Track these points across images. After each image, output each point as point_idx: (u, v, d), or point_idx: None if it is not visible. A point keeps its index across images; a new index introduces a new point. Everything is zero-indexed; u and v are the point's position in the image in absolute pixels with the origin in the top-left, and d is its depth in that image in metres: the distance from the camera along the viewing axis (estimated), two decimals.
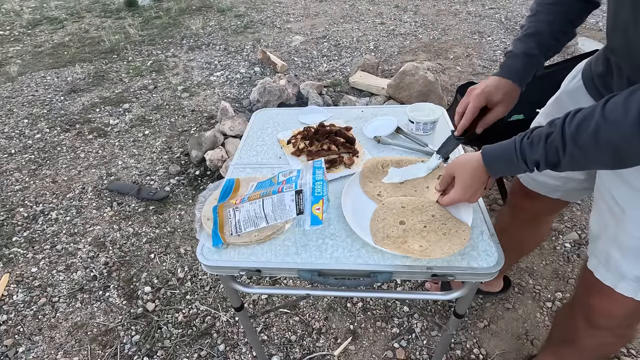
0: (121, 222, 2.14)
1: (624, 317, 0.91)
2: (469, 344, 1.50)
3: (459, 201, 0.84)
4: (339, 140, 1.12)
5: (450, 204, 0.86)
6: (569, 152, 0.62)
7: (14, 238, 2.09)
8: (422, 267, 0.78)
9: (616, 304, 0.87)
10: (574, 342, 1.09)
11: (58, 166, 2.58)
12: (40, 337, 1.63)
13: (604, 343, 1.03)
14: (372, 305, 1.65)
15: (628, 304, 0.85)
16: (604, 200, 0.84)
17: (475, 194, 0.82)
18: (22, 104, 3.30)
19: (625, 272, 0.81)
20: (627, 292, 0.82)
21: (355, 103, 2.72)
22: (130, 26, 4.63)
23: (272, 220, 0.84)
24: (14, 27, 4.94)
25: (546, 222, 1.29)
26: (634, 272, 0.80)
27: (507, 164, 0.74)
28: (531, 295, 1.66)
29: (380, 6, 4.98)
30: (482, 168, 0.78)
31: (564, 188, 1.04)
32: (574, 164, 0.64)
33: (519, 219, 1.27)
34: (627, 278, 0.82)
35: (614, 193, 0.80)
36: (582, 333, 1.03)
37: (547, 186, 1.07)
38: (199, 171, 2.42)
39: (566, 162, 0.64)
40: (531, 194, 1.12)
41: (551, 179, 1.04)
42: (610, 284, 0.85)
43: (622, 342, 1.07)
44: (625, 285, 0.82)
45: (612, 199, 0.80)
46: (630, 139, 0.55)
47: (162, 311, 1.69)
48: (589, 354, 1.10)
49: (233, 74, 3.53)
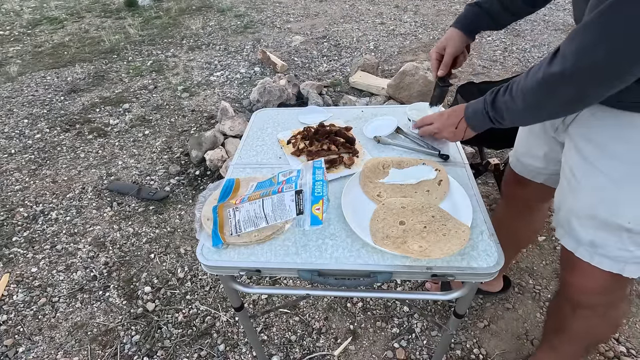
0: (121, 222, 2.14)
1: (600, 293, 0.96)
2: (469, 344, 1.50)
3: (434, 127, 1.04)
4: (339, 140, 1.12)
5: (426, 131, 1.08)
6: (505, 98, 0.81)
7: (14, 238, 2.09)
8: (421, 267, 0.78)
9: (587, 277, 0.93)
10: (564, 329, 1.13)
11: (58, 166, 2.58)
12: (40, 337, 1.63)
13: (590, 325, 1.07)
14: (372, 305, 1.65)
15: (598, 277, 0.90)
16: (564, 175, 0.91)
17: (450, 127, 0.99)
18: (22, 104, 3.30)
19: (581, 237, 0.88)
20: (584, 257, 0.90)
21: (355, 103, 2.72)
22: (130, 26, 4.63)
23: (272, 220, 0.83)
24: (14, 27, 4.94)
25: (539, 211, 1.32)
26: (588, 237, 0.87)
27: (476, 105, 0.91)
28: (531, 295, 1.66)
29: (380, 6, 4.98)
30: (461, 108, 0.95)
31: (547, 171, 1.09)
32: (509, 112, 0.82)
33: (513, 209, 1.31)
34: (583, 243, 0.88)
35: (571, 164, 0.88)
36: (568, 317, 1.08)
37: (532, 168, 1.13)
38: (199, 171, 2.42)
39: (504, 108, 0.82)
40: (521, 180, 1.17)
41: (535, 159, 1.10)
42: (571, 249, 0.92)
43: (609, 324, 1.11)
44: (582, 251, 0.90)
45: (570, 171, 0.88)
46: (534, 88, 0.74)
47: (162, 311, 1.69)
48: (580, 339, 1.14)
49: (233, 74, 3.53)
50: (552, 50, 0.71)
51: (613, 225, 0.82)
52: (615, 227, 0.82)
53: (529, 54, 3.58)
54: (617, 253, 0.84)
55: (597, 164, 0.82)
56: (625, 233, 0.81)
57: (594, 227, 0.85)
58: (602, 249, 0.86)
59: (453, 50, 1.08)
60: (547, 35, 3.91)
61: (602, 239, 0.85)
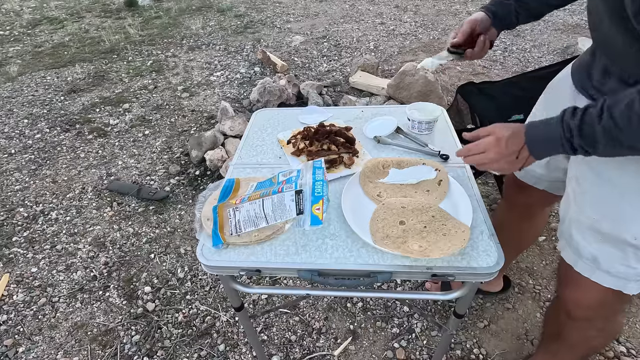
0: (121, 222, 2.14)
1: (597, 308, 0.93)
2: (469, 344, 1.50)
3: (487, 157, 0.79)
4: (339, 140, 1.12)
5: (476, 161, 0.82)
6: (604, 124, 0.63)
7: (14, 238, 2.09)
8: (421, 267, 0.78)
9: (585, 292, 0.90)
10: (561, 337, 1.11)
11: (58, 166, 2.58)
12: (40, 337, 1.63)
13: (587, 337, 1.05)
14: (372, 305, 1.65)
15: (596, 293, 0.87)
16: (570, 185, 0.88)
17: (509, 156, 0.76)
18: (22, 104, 3.30)
19: (582, 251, 0.85)
20: (584, 272, 0.86)
21: (355, 103, 2.72)
22: (130, 26, 4.63)
23: (272, 220, 0.84)
24: (14, 27, 4.94)
25: (540, 215, 1.31)
26: (589, 250, 0.83)
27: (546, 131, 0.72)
28: (531, 295, 1.66)
29: (380, 6, 4.98)
30: (520, 131, 0.75)
31: (549, 178, 1.07)
32: (611, 142, 0.64)
33: (514, 213, 1.30)
34: (584, 257, 0.85)
35: (578, 174, 0.85)
36: (565, 327, 1.07)
37: (534, 175, 1.10)
38: (199, 171, 2.42)
39: (600, 133, 0.64)
40: (523, 186, 1.15)
41: (537, 167, 1.06)
42: (571, 262, 0.88)
43: (606, 336, 1.10)
44: (582, 265, 0.86)
45: (576, 181, 0.85)
46: None
47: (162, 311, 1.69)
48: (576, 349, 1.12)
49: (233, 74, 3.52)
50: None
51: (617, 240, 0.78)
52: (619, 242, 0.78)
53: (529, 54, 3.58)
54: (619, 269, 0.81)
55: (604, 174, 0.78)
56: (630, 248, 0.78)
57: (597, 241, 0.82)
58: (604, 264, 0.82)
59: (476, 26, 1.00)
60: (547, 35, 3.90)
61: (605, 254, 0.81)
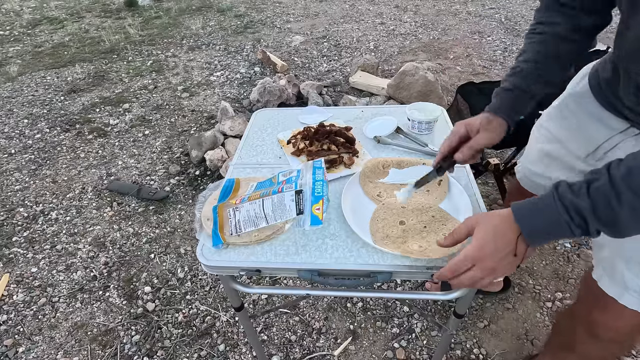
0: (121, 222, 2.14)
1: (630, 332, 0.91)
2: (469, 344, 1.50)
3: (479, 272, 0.64)
4: (339, 140, 1.12)
5: (467, 281, 0.65)
6: (626, 201, 0.52)
7: (14, 238, 2.09)
8: (421, 267, 0.78)
9: (619, 317, 0.86)
10: (574, 349, 1.08)
11: (58, 166, 2.58)
12: (40, 337, 1.63)
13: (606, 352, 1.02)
14: (372, 305, 1.65)
15: (633, 318, 0.84)
16: None
17: (505, 259, 0.62)
18: (22, 104, 3.30)
19: (629, 283, 0.80)
20: (631, 305, 0.81)
21: (355, 103, 2.72)
22: (130, 26, 4.63)
23: (272, 220, 0.83)
24: (14, 27, 4.94)
25: None
26: (638, 283, 0.79)
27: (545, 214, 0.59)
28: (531, 295, 1.66)
29: (380, 6, 4.98)
30: (508, 225, 0.62)
31: None
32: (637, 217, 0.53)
33: None
34: (631, 289, 0.80)
35: None
36: (584, 343, 1.02)
37: (541, 187, 1.07)
38: (199, 171, 2.42)
39: (626, 215, 0.53)
40: (526, 194, 1.12)
41: (550, 181, 1.02)
42: (614, 295, 0.83)
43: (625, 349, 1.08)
44: (628, 297, 0.81)
45: None
46: None
47: (162, 311, 1.69)
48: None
49: (233, 74, 3.53)
50: None
51: None
52: None
53: None
54: None
55: None
56: None
57: None
58: None
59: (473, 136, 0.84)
60: None
61: None
